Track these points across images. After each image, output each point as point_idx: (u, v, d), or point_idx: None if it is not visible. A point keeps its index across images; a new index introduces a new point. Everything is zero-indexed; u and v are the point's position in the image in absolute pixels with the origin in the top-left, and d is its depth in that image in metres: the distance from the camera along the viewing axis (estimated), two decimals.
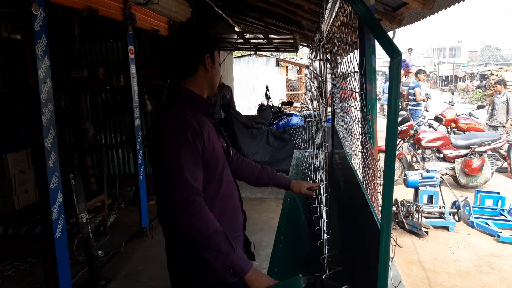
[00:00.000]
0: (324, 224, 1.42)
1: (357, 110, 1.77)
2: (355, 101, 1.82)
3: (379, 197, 1.13)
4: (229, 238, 1.25)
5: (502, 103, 7.59)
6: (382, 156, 4.57)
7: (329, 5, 2.00)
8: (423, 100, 9.11)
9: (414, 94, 9.16)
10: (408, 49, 16.87)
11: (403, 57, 14.88)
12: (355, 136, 2.30)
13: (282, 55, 17.96)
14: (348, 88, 1.92)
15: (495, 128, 7.57)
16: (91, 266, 3.30)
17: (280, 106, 8.78)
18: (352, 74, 1.69)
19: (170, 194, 1.25)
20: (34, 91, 2.42)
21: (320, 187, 1.83)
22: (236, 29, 7.88)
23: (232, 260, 1.23)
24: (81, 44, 5.42)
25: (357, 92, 1.72)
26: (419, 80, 9.26)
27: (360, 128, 1.92)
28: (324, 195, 1.59)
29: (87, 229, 3.28)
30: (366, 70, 2.13)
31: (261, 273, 1.28)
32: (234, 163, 1.73)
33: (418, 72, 9.55)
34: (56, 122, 2.59)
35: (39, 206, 4.82)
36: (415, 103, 9.16)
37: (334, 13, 1.90)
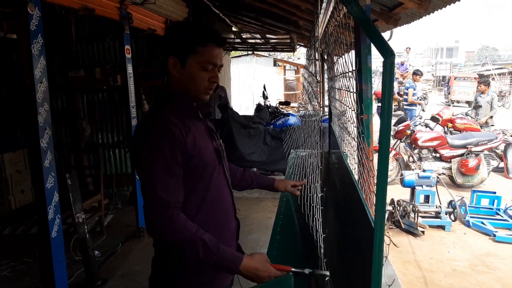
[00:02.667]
0: (318, 222, 1.42)
1: (352, 110, 1.77)
2: (351, 101, 1.83)
3: (374, 196, 1.14)
4: (208, 243, 1.22)
5: (487, 103, 7.79)
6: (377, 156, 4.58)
7: (324, 5, 2.01)
8: (418, 103, 9.11)
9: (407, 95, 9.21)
10: (406, 48, 16.91)
11: (402, 60, 14.91)
12: (351, 136, 2.31)
13: (280, 55, 17.96)
14: (344, 88, 1.93)
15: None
16: (87, 266, 3.30)
17: (277, 106, 8.79)
18: (348, 74, 1.69)
19: (144, 206, 1.25)
20: (30, 91, 2.42)
21: (313, 186, 1.81)
22: (234, 29, 7.87)
23: (216, 263, 1.23)
24: (78, 44, 5.42)
25: (352, 92, 1.73)
26: (415, 81, 9.25)
27: (355, 128, 1.93)
28: (320, 194, 1.59)
29: (83, 229, 3.27)
30: (362, 70, 2.14)
31: (253, 262, 1.25)
32: None
33: (414, 73, 9.54)
34: (52, 121, 2.58)
35: (35, 206, 4.83)
36: (407, 103, 9.21)
37: (329, 13, 1.91)
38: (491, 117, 7.73)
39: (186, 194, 1.31)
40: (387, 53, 0.89)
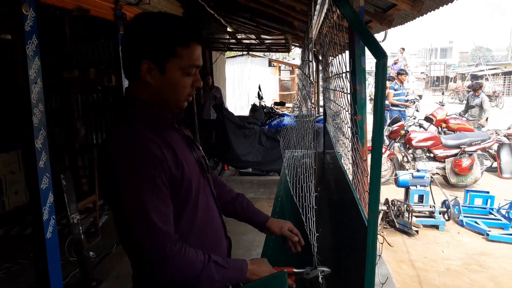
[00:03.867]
0: (311, 222, 1.43)
1: (346, 111, 1.79)
2: (345, 102, 1.85)
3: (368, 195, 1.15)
4: (218, 263, 1.11)
5: (477, 105, 7.92)
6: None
7: (318, 6, 2.03)
8: (405, 105, 8.87)
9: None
10: (400, 49, 16.98)
11: (395, 59, 14.93)
12: (345, 136, 2.33)
13: (275, 56, 18.01)
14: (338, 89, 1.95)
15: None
16: (82, 267, 3.29)
17: (272, 106, 8.81)
18: (342, 75, 1.71)
19: (140, 247, 1.03)
20: (25, 92, 2.41)
21: (306, 186, 1.79)
22: (229, 29, 7.88)
23: (229, 277, 1.13)
24: (72, 44, 5.40)
25: (346, 93, 1.75)
26: (401, 82, 8.84)
27: (349, 128, 1.95)
28: (314, 194, 1.61)
29: (78, 230, 3.26)
30: (356, 71, 2.15)
31: (259, 264, 1.21)
32: None
33: (399, 73, 9.11)
34: (46, 122, 2.58)
35: (29, 207, 4.80)
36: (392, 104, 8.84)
37: (323, 14, 1.93)
38: (487, 119, 7.77)
39: (174, 220, 1.11)
40: (380, 55, 0.90)
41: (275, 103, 10.69)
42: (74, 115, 5.44)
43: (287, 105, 11.13)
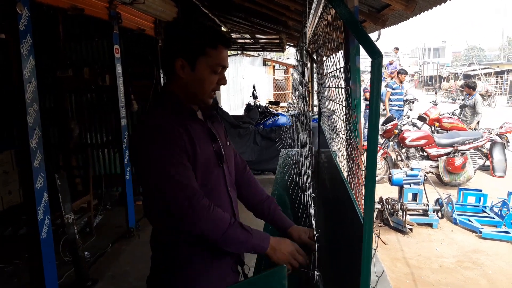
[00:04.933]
0: (312, 222, 1.44)
1: (341, 110, 1.80)
2: (340, 99, 1.86)
3: (363, 193, 1.17)
4: (244, 226, 1.26)
5: (470, 106, 7.90)
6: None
7: (314, 5, 2.04)
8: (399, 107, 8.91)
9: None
10: (394, 48, 17.02)
11: (390, 60, 15.00)
12: (340, 133, 2.34)
13: (269, 55, 18.02)
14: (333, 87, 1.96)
15: None
16: (77, 267, 3.28)
17: (267, 105, 8.81)
18: (337, 73, 1.72)
19: (170, 205, 1.20)
20: (19, 91, 2.40)
21: (304, 186, 1.81)
22: (223, 29, 7.87)
23: (252, 244, 1.25)
24: (66, 43, 5.37)
25: (342, 88, 1.76)
26: (400, 81, 8.79)
27: (344, 128, 1.96)
28: (312, 195, 1.61)
29: (73, 229, 3.25)
30: (351, 70, 2.17)
31: (280, 243, 1.31)
32: (240, 178, 1.56)
33: (399, 72, 9.02)
34: (40, 122, 2.57)
35: (23, 207, 4.77)
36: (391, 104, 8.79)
37: (319, 14, 1.94)
38: (478, 122, 7.77)
39: None
40: (375, 55, 0.91)
41: (270, 103, 10.70)
42: (68, 115, 5.41)
43: (281, 104, 11.14)
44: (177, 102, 1.31)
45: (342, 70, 1.65)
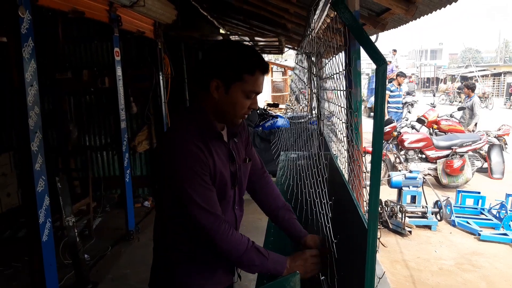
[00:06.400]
0: (327, 229, 1.45)
1: (342, 112, 1.81)
2: (341, 102, 1.87)
3: (365, 194, 1.17)
4: (260, 250, 1.30)
5: (468, 108, 7.92)
6: (367, 157, 4.64)
7: (318, 12, 2.05)
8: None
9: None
10: (393, 50, 17.07)
11: (388, 61, 15.05)
12: (340, 136, 2.35)
13: (267, 57, 18.02)
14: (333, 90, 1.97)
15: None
16: (78, 270, 3.28)
17: (265, 108, 8.82)
18: (337, 76, 1.74)
19: (196, 225, 1.26)
20: (21, 94, 2.40)
21: (311, 191, 1.81)
22: (222, 31, 7.88)
23: (267, 268, 1.31)
24: (65, 46, 5.37)
25: (343, 90, 1.77)
26: (399, 84, 8.86)
27: (346, 131, 1.97)
28: (330, 203, 1.62)
29: (73, 232, 3.25)
30: (352, 73, 2.18)
31: (296, 263, 1.34)
32: (258, 183, 1.62)
33: (398, 75, 9.05)
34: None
35: (22, 209, 4.76)
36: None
37: (322, 20, 1.95)
38: (475, 124, 7.79)
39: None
40: (380, 61, 0.92)
41: (268, 105, 10.71)
42: (67, 117, 5.40)
43: (280, 106, 11.14)
44: (205, 120, 1.31)
45: (343, 73, 1.67)
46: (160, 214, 1.41)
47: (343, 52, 2.25)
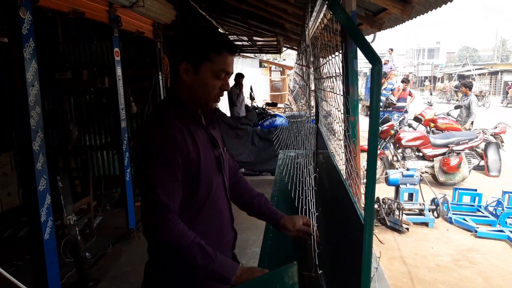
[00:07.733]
0: (315, 227, 1.48)
1: (341, 113, 1.85)
2: (338, 103, 1.91)
3: (362, 191, 1.21)
4: (205, 249, 1.21)
5: (465, 106, 7.98)
6: (364, 155, 4.67)
7: (314, 14, 2.08)
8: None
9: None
10: (389, 49, 17.14)
11: (385, 60, 15.10)
12: (338, 136, 2.39)
13: (265, 56, 18.05)
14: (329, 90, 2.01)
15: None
16: (79, 268, 3.31)
17: (264, 107, 8.86)
18: (334, 76, 1.77)
19: (143, 209, 1.24)
20: (22, 94, 2.43)
21: (307, 189, 1.84)
22: (220, 30, 7.92)
23: (213, 270, 1.21)
24: (65, 46, 5.39)
25: (339, 94, 1.81)
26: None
27: (343, 130, 2.01)
28: (313, 200, 1.66)
29: (74, 231, 3.28)
30: (349, 73, 2.22)
31: (248, 271, 1.26)
32: (232, 178, 1.60)
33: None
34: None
35: (23, 208, 4.79)
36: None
37: (319, 20, 1.99)
38: (472, 123, 7.86)
39: (184, 202, 1.29)
40: (375, 61, 0.96)
41: (267, 104, 10.75)
42: (67, 117, 5.43)
43: (279, 105, 11.18)
44: (181, 106, 1.33)
45: (341, 73, 1.70)
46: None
47: (340, 51, 2.29)
